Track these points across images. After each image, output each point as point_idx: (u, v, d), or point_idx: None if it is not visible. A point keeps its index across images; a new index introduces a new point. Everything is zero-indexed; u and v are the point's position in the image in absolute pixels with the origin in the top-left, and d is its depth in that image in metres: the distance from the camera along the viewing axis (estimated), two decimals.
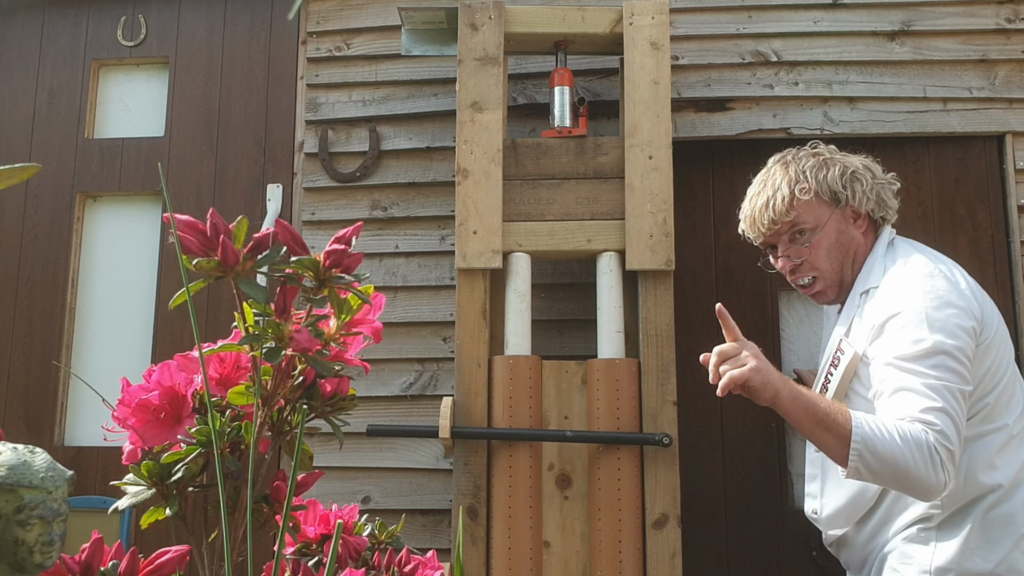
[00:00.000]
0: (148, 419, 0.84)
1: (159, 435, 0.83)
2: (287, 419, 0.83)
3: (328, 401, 0.85)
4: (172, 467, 0.82)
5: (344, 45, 3.04)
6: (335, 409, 0.86)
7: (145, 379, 0.86)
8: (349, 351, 0.83)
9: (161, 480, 0.82)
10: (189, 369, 0.86)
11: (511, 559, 2.26)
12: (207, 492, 0.85)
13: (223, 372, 0.86)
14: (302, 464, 0.87)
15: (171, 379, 0.85)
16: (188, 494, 0.84)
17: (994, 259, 2.72)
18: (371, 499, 2.71)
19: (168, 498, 0.83)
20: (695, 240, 2.90)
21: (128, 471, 0.89)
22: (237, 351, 0.85)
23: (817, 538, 2.56)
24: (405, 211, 2.90)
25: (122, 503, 0.85)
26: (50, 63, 3.28)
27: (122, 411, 0.84)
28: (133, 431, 0.84)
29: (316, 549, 1.28)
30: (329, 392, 0.85)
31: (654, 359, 2.37)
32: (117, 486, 0.87)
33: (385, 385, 2.78)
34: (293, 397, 0.81)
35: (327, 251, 0.78)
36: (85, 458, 2.90)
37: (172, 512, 0.83)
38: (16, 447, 0.87)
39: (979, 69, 2.78)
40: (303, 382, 0.82)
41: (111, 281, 3.16)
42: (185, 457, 0.82)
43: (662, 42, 2.52)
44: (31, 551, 0.82)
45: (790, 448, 2.91)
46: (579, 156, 2.53)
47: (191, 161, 3.13)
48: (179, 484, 0.82)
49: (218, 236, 0.75)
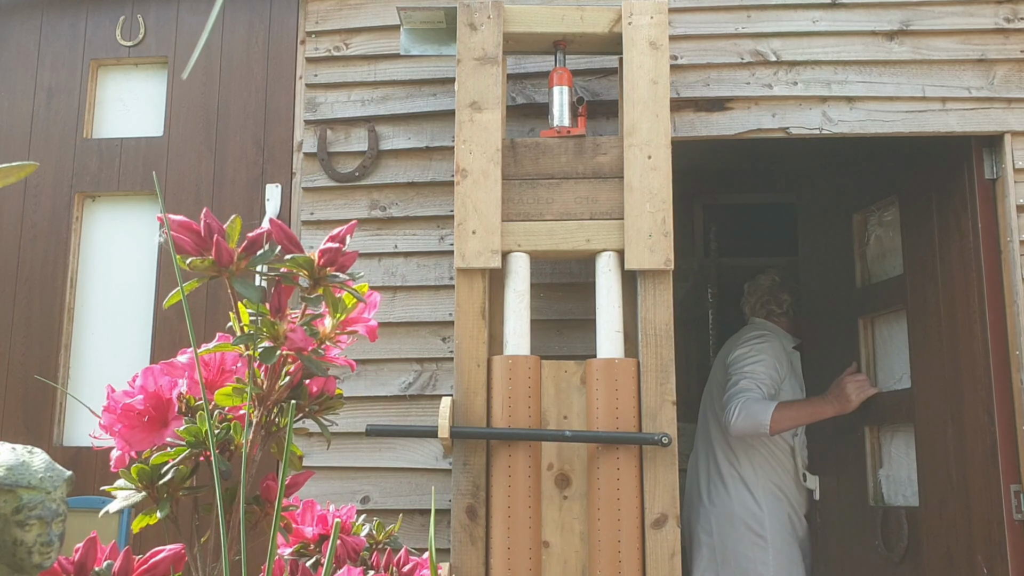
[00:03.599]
0: (134, 424, 0.84)
1: (145, 439, 0.83)
2: (275, 420, 0.82)
3: (315, 400, 0.85)
4: (161, 468, 0.82)
5: (343, 45, 3.03)
6: (322, 409, 0.86)
7: (129, 385, 0.86)
8: (334, 349, 0.82)
9: (152, 483, 0.82)
10: (173, 374, 0.86)
11: (510, 559, 2.26)
12: (198, 494, 0.85)
13: (208, 377, 0.86)
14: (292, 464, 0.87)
15: (155, 383, 0.85)
16: (179, 496, 0.84)
17: (975, 264, 2.72)
18: (370, 499, 2.71)
19: (159, 501, 0.83)
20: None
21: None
22: (229, 351, 0.84)
23: (879, 530, 3.07)
24: (404, 211, 2.89)
25: (113, 507, 0.84)
26: (49, 63, 3.28)
27: (108, 417, 0.84)
28: (119, 437, 0.84)
29: (314, 549, 1.28)
30: (316, 392, 0.85)
31: (653, 359, 2.37)
32: (107, 491, 0.87)
33: (384, 385, 2.78)
34: (281, 397, 0.81)
35: (321, 249, 0.78)
36: (84, 459, 2.90)
37: (163, 515, 0.83)
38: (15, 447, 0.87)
39: (978, 69, 2.77)
40: (290, 382, 0.82)
41: (110, 281, 3.15)
42: (174, 458, 0.82)
43: (661, 42, 2.52)
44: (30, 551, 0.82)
45: (879, 453, 3.19)
46: (578, 156, 2.52)
47: (190, 161, 3.13)
48: (169, 487, 0.82)
49: (212, 236, 0.75)
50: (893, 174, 3.20)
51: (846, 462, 3.27)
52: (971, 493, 2.66)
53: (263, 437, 0.84)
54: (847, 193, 3.47)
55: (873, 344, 3.27)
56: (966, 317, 2.73)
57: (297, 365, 0.82)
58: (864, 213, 3.39)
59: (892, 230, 3.24)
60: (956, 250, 2.79)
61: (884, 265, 3.29)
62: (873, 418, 3.17)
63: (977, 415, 2.66)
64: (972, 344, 2.70)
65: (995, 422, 2.59)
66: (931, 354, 2.90)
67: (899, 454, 3.11)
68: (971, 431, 2.69)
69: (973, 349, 2.69)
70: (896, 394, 3.08)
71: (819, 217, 3.64)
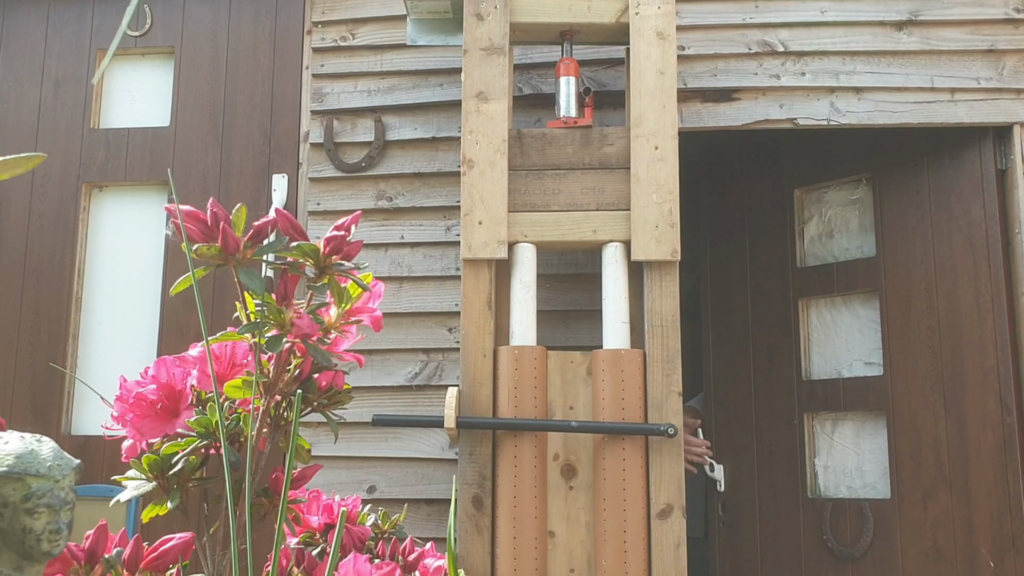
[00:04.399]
0: (145, 413, 0.84)
1: (157, 428, 0.84)
2: (283, 414, 0.83)
3: (324, 394, 0.85)
4: (172, 459, 0.82)
5: (349, 35, 3.03)
6: (331, 403, 0.86)
7: (142, 375, 0.86)
8: (342, 344, 0.83)
9: (162, 473, 0.82)
10: (185, 366, 0.86)
11: (516, 548, 2.26)
12: (207, 485, 0.85)
13: (219, 370, 0.86)
14: (301, 457, 0.87)
15: (167, 374, 0.85)
16: (189, 487, 0.84)
17: (988, 252, 2.71)
18: (376, 488, 2.72)
19: (169, 491, 0.83)
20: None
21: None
22: (236, 340, 0.85)
23: (828, 524, 2.75)
24: (411, 201, 2.89)
25: (123, 496, 0.85)
26: (55, 52, 3.28)
27: (120, 406, 0.85)
28: (131, 426, 0.84)
29: (320, 539, 1.29)
30: (324, 386, 0.85)
31: (659, 350, 2.37)
32: (118, 480, 0.88)
33: (390, 375, 2.78)
34: (289, 391, 0.81)
35: (327, 238, 0.78)
36: (92, 447, 2.91)
37: (174, 505, 0.83)
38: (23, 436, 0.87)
39: (987, 59, 2.76)
40: (299, 375, 0.82)
41: (117, 271, 3.16)
42: (185, 448, 0.83)
43: (668, 32, 2.51)
44: (39, 539, 0.83)
45: (815, 442, 3.04)
46: (585, 146, 2.52)
47: (196, 151, 3.13)
48: (180, 477, 0.83)
49: (219, 224, 0.75)
50: (863, 151, 3.03)
51: (769, 451, 3.11)
52: (972, 485, 2.65)
53: (271, 430, 0.84)
54: (788, 166, 3.24)
55: (808, 328, 3.14)
56: (973, 306, 2.71)
57: (307, 359, 0.82)
58: (807, 190, 3.21)
59: (852, 210, 3.09)
60: (961, 238, 2.77)
61: (831, 246, 3.14)
62: (809, 405, 3.06)
63: (985, 405, 2.65)
64: (981, 333, 2.68)
65: (1012, 413, 2.57)
66: (916, 341, 2.83)
67: (844, 443, 2.99)
68: (975, 421, 2.67)
69: (982, 339, 2.68)
70: (853, 382, 2.97)
71: (753, 192, 3.38)
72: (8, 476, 0.81)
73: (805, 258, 3.20)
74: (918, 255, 2.87)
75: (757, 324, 3.23)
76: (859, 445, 2.95)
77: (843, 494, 2.97)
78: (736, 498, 3.17)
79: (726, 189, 3.45)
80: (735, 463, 3.18)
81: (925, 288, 2.84)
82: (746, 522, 3.14)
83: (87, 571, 0.88)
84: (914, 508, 2.77)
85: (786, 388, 3.12)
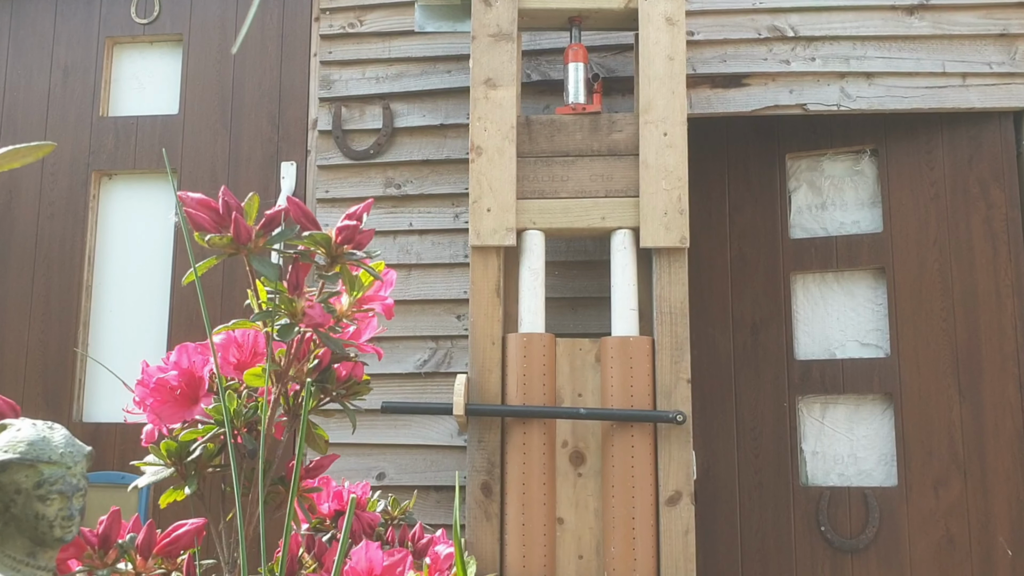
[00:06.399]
0: (166, 399, 0.85)
1: (176, 414, 0.84)
2: (302, 404, 0.83)
3: (343, 385, 0.86)
4: (190, 445, 0.83)
5: (357, 22, 3.02)
6: (350, 393, 0.86)
7: (164, 361, 0.87)
8: (363, 335, 0.83)
9: (180, 459, 0.83)
10: (206, 353, 0.87)
11: (525, 535, 2.27)
12: (225, 472, 0.86)
13: (241, 358, 0.87)
14: (318, 447, 0.87)
15: (189, 360, 0.86)
16: (207, 474, 0.85)
17: (1008, 236, 2.70)
18: (386, 475, 2.73)
19: (187, 478, 0.84)
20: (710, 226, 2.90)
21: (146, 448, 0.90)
22: (248, 328, 0.85)
23: (825, 513, 2.66)
24: (419, 188, 2.89)
25: (141, 481, 0.86)
26: (64, 41, 3.29)
27: (140, 391, 0.85)
28: (151, 411, 0.85)
29: (330, 525, 1.30)
30: (344, 376, 0.86)
31: (668, 337, 2.37)
32: (136, 466, 0.88)
33: (399, 362, 2.79)
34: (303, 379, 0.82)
35: (339, 227, 0.78)
36: (103, 434, 2.93)
37: (191, 491, 0.84)
38: (35, 423, 0.88)
39: (999, 44, 2.73)
40: (318, 365, 0.83)
41: (127, 259, 3.18)
42: (203, 435, 0.83)
43: (677, 17, 2.50)
44: (51, 525, 0.83)
45: (803, 427, 2.92)
46: (593, 133, 2.51)
47: (205, 139, 3.13)
48: (198, 463, 0.83)
49: (231, 213, 0.75)
50: (868, 122, 2.91)
51: (753, 436, 2.94)
52: (989, 472, 2.63)
53: (289, 420, 0.85)
54: (781, 128, 3.04)
55: (792, 304, 2.99)
56: (992, 290, 2.68)
57: (327, 349, 0.82)
58: (798, 155, 3.05)
59: (850, 181, 2.99)
60: (979, 220, 2.75)
61: (823, 218, 3.02)
62: (802, 388, 2.91)
63: (1004, 391, 2.63)
64: (1000, 318, 2.66)
65: None
66: (928, 323, 2.77)
67: (836, 429, 2.88)
68: (993, 407, 2.65)
69: (1001, 324, 2.65)
70: (854, 363, 2.87)
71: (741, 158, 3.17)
72: (21, 463, 0.81)
73: (792, 229, 3.03)
74: (931, 234, 2.81)
75: (739, 297, 3.01)
76: (852, 431, 2.87)
77: (834, 482, 2.87)
78: (711, 487, 2.95)
79: (707, 145, 3.11)
80: (709, 450, 2.95)
81: (939, 269, 2.78)
82: (724, 513, 2.94)
83: (101, 556, 0.89)
84: (924, 496, 2.72)
85: (774, 368, 2.95)
